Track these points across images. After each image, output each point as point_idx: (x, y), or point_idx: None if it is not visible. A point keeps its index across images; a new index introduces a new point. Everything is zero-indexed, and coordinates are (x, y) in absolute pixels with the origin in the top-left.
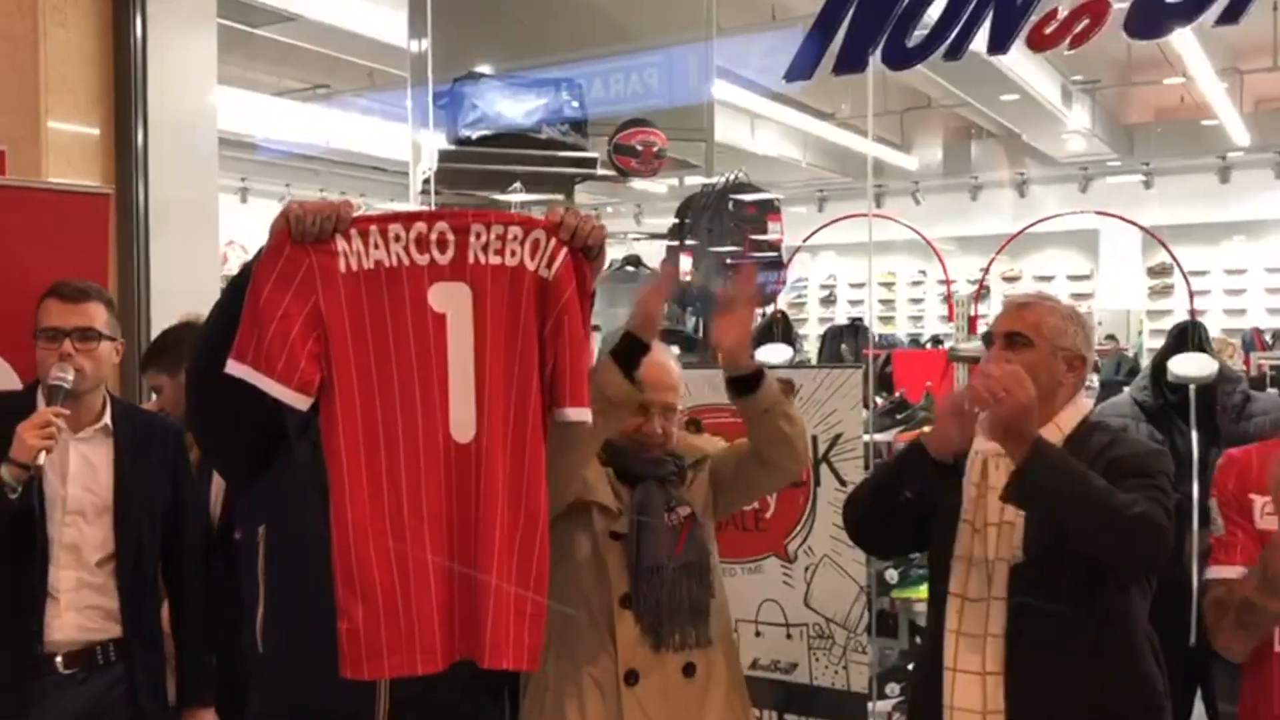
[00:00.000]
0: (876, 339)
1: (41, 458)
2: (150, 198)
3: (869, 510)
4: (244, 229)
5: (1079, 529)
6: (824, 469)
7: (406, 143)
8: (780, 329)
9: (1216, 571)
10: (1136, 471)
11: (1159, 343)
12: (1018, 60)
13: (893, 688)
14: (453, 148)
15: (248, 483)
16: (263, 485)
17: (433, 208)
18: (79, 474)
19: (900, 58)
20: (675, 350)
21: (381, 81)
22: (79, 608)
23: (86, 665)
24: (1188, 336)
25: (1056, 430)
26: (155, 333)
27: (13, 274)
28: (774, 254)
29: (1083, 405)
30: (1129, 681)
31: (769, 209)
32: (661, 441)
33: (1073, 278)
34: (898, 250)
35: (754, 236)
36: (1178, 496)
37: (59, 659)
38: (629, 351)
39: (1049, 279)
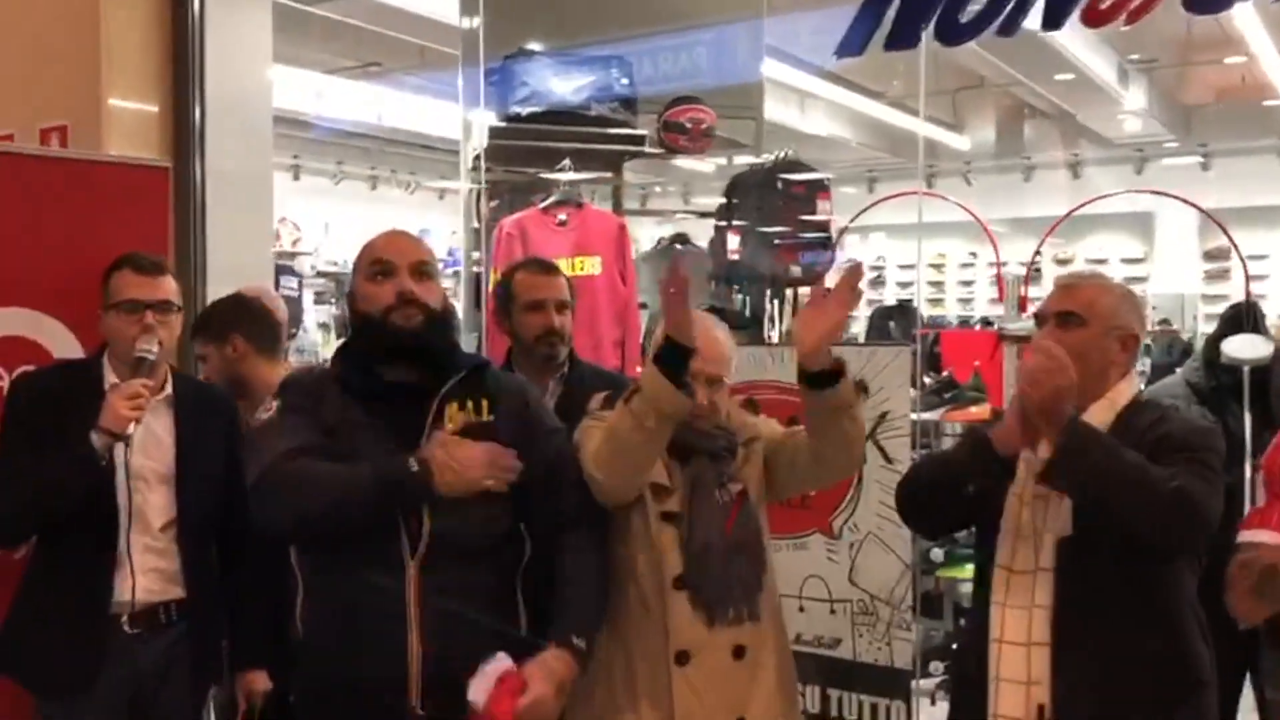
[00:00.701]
0: (925, 320)
1: (131, 427)
2: (207, 174)
3: (926, 497)
4: (296, 207)
5: (1115, 506)
6: (870, 447)
7: (457, 121)
8: None
9: (1246, 535)
10: (1184, 448)
11: (1214, 327)
12: (1073, 38)
13: (936, 666)
14: (503, 124)
15: None
16: None
17: (482, 181)
18: (143, 442)
19: (953, 33)
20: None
21: (433, 60)
22: (144, 570)
23: (150, 625)
24: (1242, 318)
25: (1109, 407)
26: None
27: (75, 245)
28: (823, 234)
29: (1135, 382)
30: (1174, 655)
31: (818, 188)
32: (707, 413)
33: (1127, 261)
34: (948, 232)
35: (803, 216)
36: (1229, 479)
37: (124, 619)
38: (674, 358)
39: (1102, 262)
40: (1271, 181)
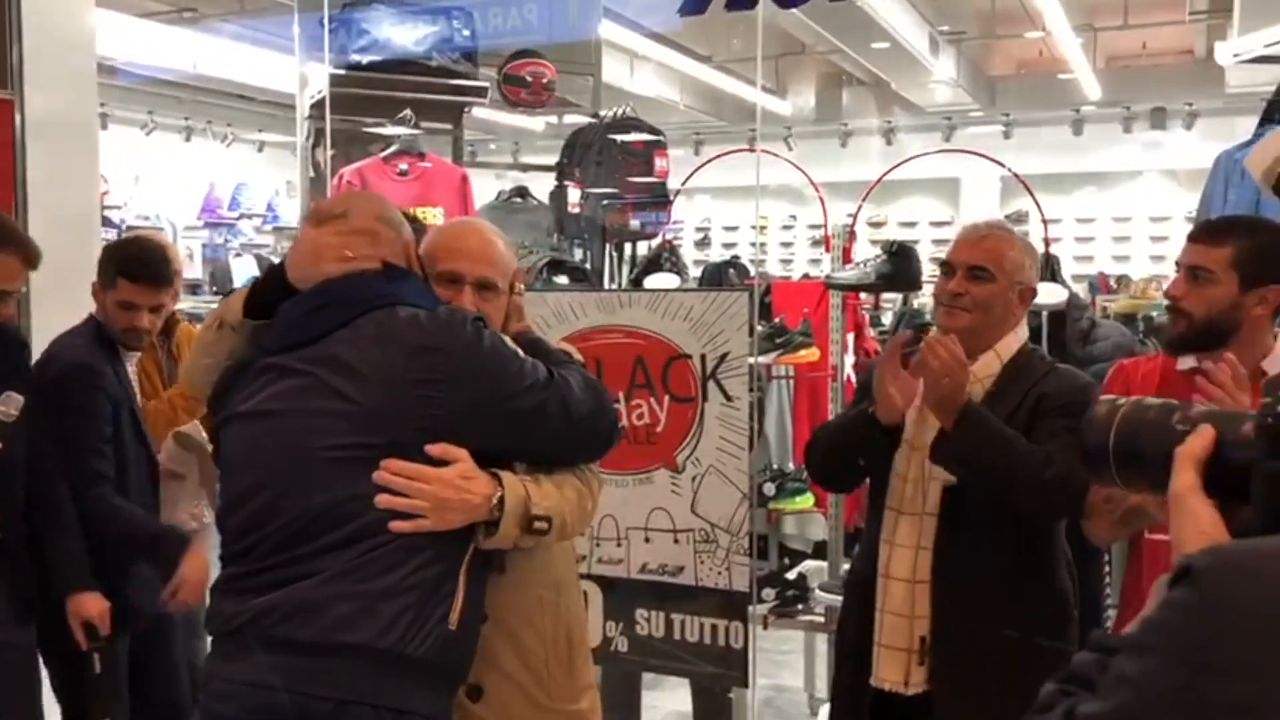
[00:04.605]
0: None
1: None
2: (27, 117)
3: (830, 467)
4: (103, 158)
5: (998, 488)
6: (711, 385)
7: (278, 70)
8: (669, 259)
9: None
10: (1063, 411)
11: None
12: (890, 8)
13: (768, 593)
14: (342, 73)
15: None
16: None
17: (328, 130)
18: None
19: None
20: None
21: (253, 6)
22: None
23: None
24: (1041, 268)
25: (995, 358)
26: None
27: None
28: (661, 191)
29: (1022, 334)
30: (1044, 593)
31: (656, 145)
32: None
33: (935, 224)
34: (770, 195)
35: (641, 172)
36: None
37: None
38: None
39: (913, 224)
40: (1064, 150)
